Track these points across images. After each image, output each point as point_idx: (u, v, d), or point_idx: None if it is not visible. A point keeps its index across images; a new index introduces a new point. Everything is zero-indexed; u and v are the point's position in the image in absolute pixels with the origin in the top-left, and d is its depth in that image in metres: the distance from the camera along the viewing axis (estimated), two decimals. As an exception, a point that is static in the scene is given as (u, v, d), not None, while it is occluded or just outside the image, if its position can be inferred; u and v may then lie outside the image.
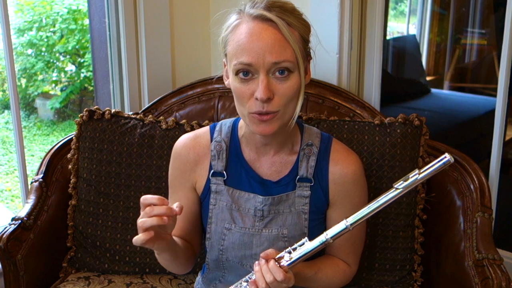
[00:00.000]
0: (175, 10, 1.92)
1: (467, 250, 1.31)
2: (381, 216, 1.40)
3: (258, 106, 0.97)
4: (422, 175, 0.90)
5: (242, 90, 0.99)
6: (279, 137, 1.08)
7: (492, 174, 1.57)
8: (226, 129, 1.14)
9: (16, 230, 1.40)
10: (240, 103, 1.01)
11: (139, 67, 1.90)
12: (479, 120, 2.68)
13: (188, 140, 1.16)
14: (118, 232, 1.51)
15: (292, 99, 1.00)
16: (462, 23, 3.18)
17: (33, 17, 4.30)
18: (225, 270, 1.16)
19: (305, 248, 0.97)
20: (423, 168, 0.91)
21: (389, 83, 2.31)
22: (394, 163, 1.39)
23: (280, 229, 1.10)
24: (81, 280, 1.48)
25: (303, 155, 1.10)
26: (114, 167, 1.51)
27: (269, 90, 0.96)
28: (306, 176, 1.10)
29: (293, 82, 0.98)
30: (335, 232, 0.96)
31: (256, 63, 0.95)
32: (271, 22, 0.96)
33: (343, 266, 1.15)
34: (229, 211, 1.11)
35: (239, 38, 0.98)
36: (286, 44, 0.96)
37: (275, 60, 0.95)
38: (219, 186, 1.12)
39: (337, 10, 1.64)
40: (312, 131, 1.14)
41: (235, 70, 0.98)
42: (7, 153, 4.15)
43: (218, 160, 1.12)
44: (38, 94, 4.57)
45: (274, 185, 1.11)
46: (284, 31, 0.96)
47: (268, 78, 0.96)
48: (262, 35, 0.96)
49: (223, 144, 1.12)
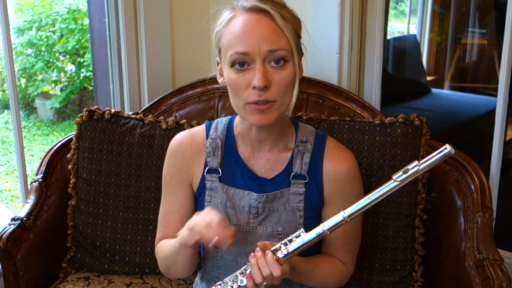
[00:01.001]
0: (175, 10, 1.92)
1: (468, 250, 1.31)
2: (381, 217, 1.40)
3: (255, 95, 0.98)
4: (423, 166, 0.88)
5: (238, 81, 0.99)
6: (274, 132, 1.09)
7: (492, 174, 1.56)
8: (222, 126, 1.15)
9: (15, 230, 1.39)
10: (235, 95, 1.01)
11: (139, 67, 1.90)
12: (479, 120, 2.68)
13: (184, 137, 1.16)
14: (118, 232, 1.51)
15: (288, 89, 1.00)
16: (462, 22, 3.18)
17: (33, 17, 4.30)
18: (220, 270, 1.15)
19: (301, 239, 0.96)
20: (423, 160, 0.89)
21: (390, 83, 2.31)
22: (395, 163, 1.38)
23: (274, 226, 1.10)
24: (81, 280, 1.48)
25: (297, 152, 1.10)
26: (114, 167, 1.50)
27: (266, 78, 0.97)
28: (300, 173, 1.10)
29: (289, 71, 0.99)
30: (332, 224, 0.94)
31: (252, 51, 0.96)
32: (265, 13, 0.98)
33: (340, 265, 1.14)
34: (224, 208, 1.11)
35: (233, 29, 0.99)
36: (281, 34, 0.98)
37: (270, 48, 0.96)
38: (214, 183, 1.12)
39: (337, 10, 1.63)
40: (306, 129, 1.14)
41: (231, 61, 0.99)
42: (6, 153, 4.14)
43: (213, 157, 1.12)
44: (38, 94, 4.57)
45: (268, 183, 1.11)
46: (278, 21, 0.97)
47: (265, 67, 0.97)
48: (257, 25, 0.97)
49: (219, 141, 1.13)
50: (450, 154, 0.87)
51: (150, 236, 1.49)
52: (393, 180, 0.91)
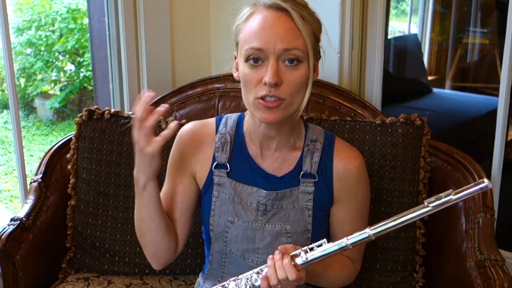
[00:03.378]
0: (175, 9, 1.92)
1: (469, 250, 1.31)
2: (382, 217, 1.39)
3: (265, 90, 0.98)
4: (456, 196, 0.87)
5: (250, 76, 0.99)
6: (283, 130, 1.09)
7: (494, 175, 1.56)
8: (232, 122, 1.15)
9: (15, 230, 1.39)
10: (247, 90, 1.02)
11: (139, 66, 1.90)
12: (481, 120, 2.68)
13: (194, 126, 1.17)
14: (118, 232, 1.50)
15: (300, 89, 1.00)
16: (464, 22, 3.17)
17: (32, 16, 4.29)
18: (225, 269, 1.15)
19: (323, 249, 0.95)
20: (459, 190, 0.88)
21: (391, 82, 2.31)
22: (396, 163, 1.38)
23: (283, 224, 1.10)
24: (81, 281, 1.47)
25: (307, 151, 1.11)
26: (114, 167, 1.50)
27: (278, 76, 0.97)
28: (310, 172, 1.10)
29: (302, 72, 0.99)
30: (357, 240, 0.94)
31: (267, 48, 0.97)
32: (285, 11, 0.98)
33: (349, 263, 1.15)
34: (232, 204, 1.11)
35: (251, 25, 1.00)
36: (298, 34, 0.98)
37: (286, 46, 0.97)
38: (222, 178, 1.12)
39: (338, 9, 1.63)
40: (316, 128, 1.15)
41: (246, 55, 1.00)
42: (6, 153, 4.14)
43: (222, 152, 1.12)
44: (37, 93, 4.56)
45: (278, 180, 1.11)
46: (297, 21, 0.98)
47: (278, 64, 0.98)
48: (275, 23, 0.98)
49: (228, 137, 1.13)
50: (487, 189, 0.86)
51: (150, 236, 1.48)
52: (426, 205, 0.89)
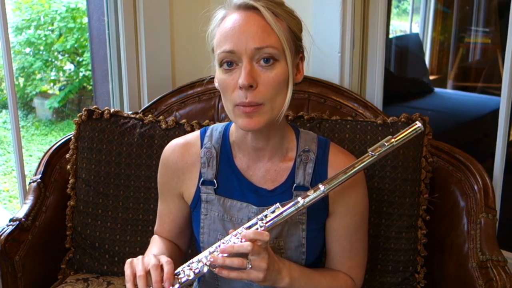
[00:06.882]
0: (175, 9, 1.91)
1: (471, 251, 1.30)
2: (383, 217, 1.39)
3: (242, 96, 0.93)
4: (397, 141, 0.96)
5: (226, 82, 0.95)
6: (273, 140, 1.04)
7: (496, 175, 1.55)
8: (217, 134, 1.09)
9: (14, 231, 1.39)
10: (225, 97, 0.97)
11: (139, 66, 1.89)
12: (483, 119, 2.67)
13: (177, 147, 1.11)
14: (117, 233, 1.50)
15: (278, 91, 0.94)
16: (465, 21, 3.16)
17: (31, 16, 4.29)
18: (219, 282, 1.12)
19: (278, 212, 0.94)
20: (397, 135, 0.96)
21: (392, 82, 2.31)
22: (397, 163, 1.37)
23: (276, 240, 1.05)
24: (80, 281, 1.47)
25: (299, 162, 1.05)
26: (113, 167, 1.49)
27: (252, 77, 0.92)
28: (303, 184, 1.04)
29: (279, 71, 0.94)
30: (311, 198, 0.93)
31: (238, 50, 0.92)
32: (255, 10, 0.94)
33: (344, 278, 1.09)
34: (221, 221, 1.06)
35: (223, 28, 0.96)
36: (270, 31, 0.93)
37: (257, 45, 0.92)
38: (210, 195, 1.07)
39: (339, 9, 1.63)
40: (308, 136, 1.08)
41: (219, 60, 0.95)
42: (5, 153, 4.14)
43: (208, 167, 1.07)
44: (36, 93, 4.56)
45: (268, 194, 1.05)
46: (268, 18, 0.93)
47: (252, 65, 0.93)
48: (245, 22, 0.93)
49: (213, 151, 1.08)
50: (420, 130, 0.96)
51: (150, 237, 1.47)
52: (370, 154, 0.95)
